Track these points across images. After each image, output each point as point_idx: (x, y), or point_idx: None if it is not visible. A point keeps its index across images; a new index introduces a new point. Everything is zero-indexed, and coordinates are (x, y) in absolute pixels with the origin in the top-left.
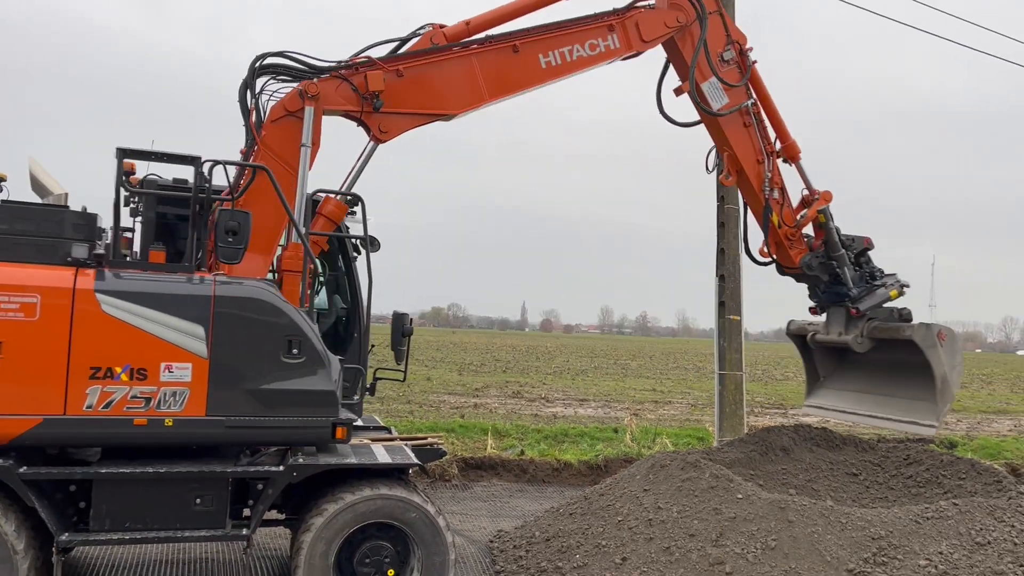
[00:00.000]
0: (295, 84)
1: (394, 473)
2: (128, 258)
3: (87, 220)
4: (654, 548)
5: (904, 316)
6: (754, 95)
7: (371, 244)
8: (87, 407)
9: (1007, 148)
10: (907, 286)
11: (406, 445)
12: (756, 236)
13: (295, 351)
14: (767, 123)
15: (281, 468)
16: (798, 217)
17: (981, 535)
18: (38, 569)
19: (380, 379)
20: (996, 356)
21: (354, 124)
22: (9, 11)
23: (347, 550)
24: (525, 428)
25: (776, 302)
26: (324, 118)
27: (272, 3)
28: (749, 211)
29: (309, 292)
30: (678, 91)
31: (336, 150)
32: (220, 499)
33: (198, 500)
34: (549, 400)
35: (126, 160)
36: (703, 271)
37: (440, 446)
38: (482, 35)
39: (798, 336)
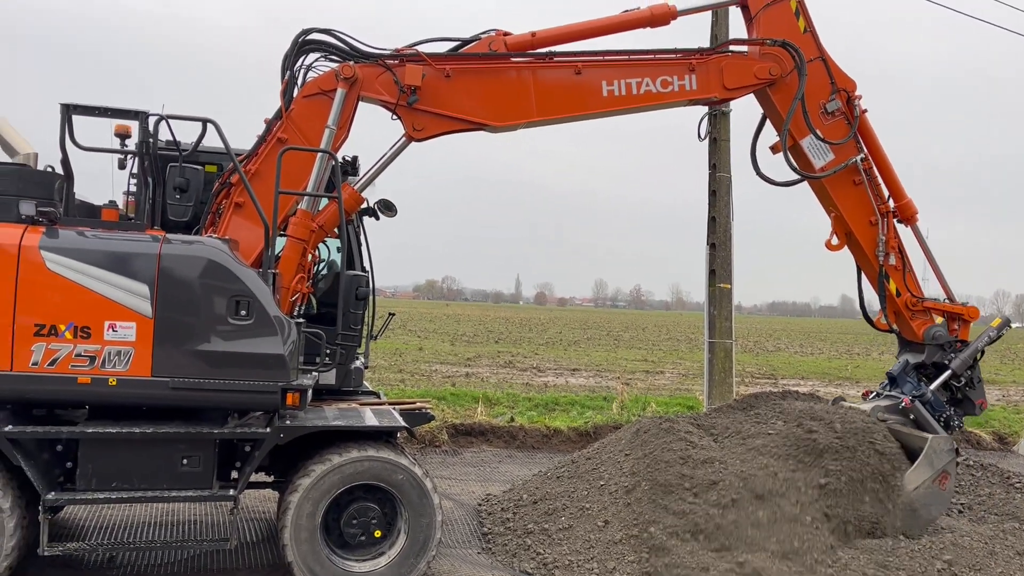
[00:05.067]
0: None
1: (382, 436)
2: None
3: (45, 179)
4: (633, 512)
5: (947, 423)
6: (864, 148)
7: (388, 208)
8: (32, 364)
9: (994, 117)
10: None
11: (394, 409)
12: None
13: (243, 313)
14: (879, 178)
15: (268, 430)
16: (942, 300)
17: None
18: (25, 528)
19: (339, 344)
20: None
21: (391, 117)
22: None
23: (334, 511)
24: (516, 396)
25: (770, 278)
26: (365, 106)
27: None
28: (864, 276)
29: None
30: (774, 149)
31: (376, 141)
32: (207, 460)
33: (185, 461)
34: (541, 370)
35: (120, 123)
36: (698, 244)
37: (428, 410)
38: (545, 50)
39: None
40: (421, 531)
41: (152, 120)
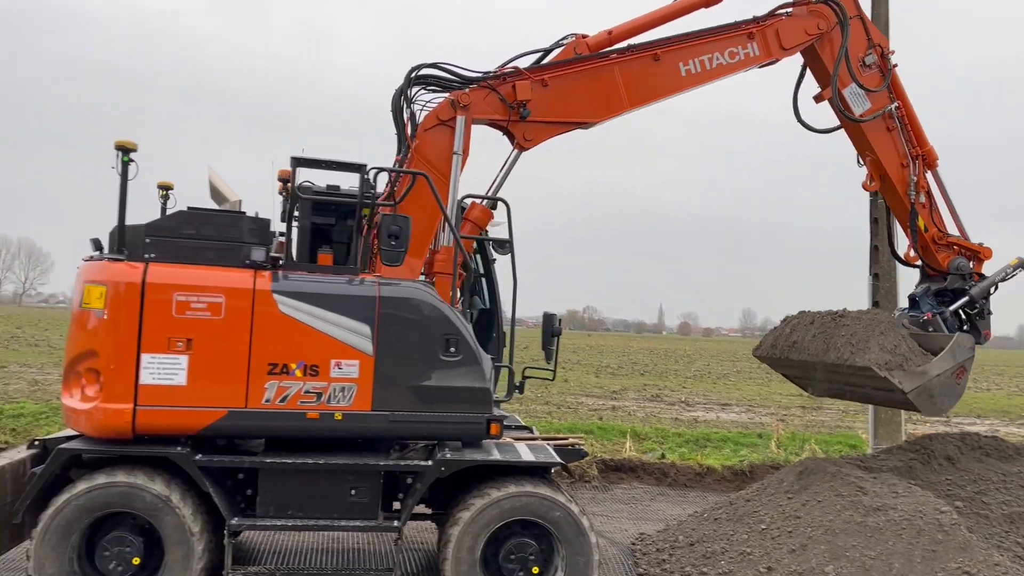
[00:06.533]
0: (444, 94)
1: (538, 471)
2: (282, 261)
3: (261, 225)
4: (797, 560)
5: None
6: (895, 99)
7: (501, 247)
8: (265, 401)
9: None
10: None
11: (548, 445)
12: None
13: (452, 349)
14: (909, 126)
15: (430, 463)
16: (961, 237)
17: None
18: (211, 552)
19: (529, 377)
20: None
21: (498, 133)
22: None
23: (493, 546)
24: (665, 432)
25: None
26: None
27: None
28: (892, 215)
29: (460, 294)
30: (818, 98)
31: (480, 157)
32: (373, 491)
33: (353, 491)
34: (690, 404)
35: (283, 169)
36: (854, 270)
37: (581, 447)
38: (623, 44)
39: None
40: (578, 569)
41: (371, 172)
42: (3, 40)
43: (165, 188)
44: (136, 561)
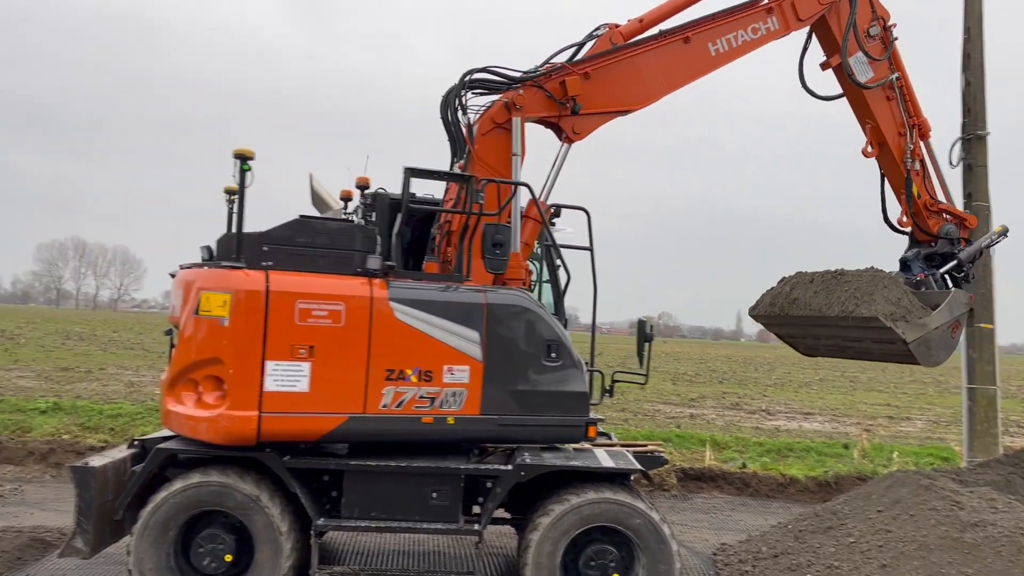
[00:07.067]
0: (492, 97)
1: (617, 478)
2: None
3: (370, 234)
4: (886, 575)
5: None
6: (895, 70)
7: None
8: (382, 406)
9: None
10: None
11: (627, 451)
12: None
13: (554, 355)
14: (907, 97)
15: (509, 467)
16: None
17: None
18: (299, 551)
19: (618, 381)
20: None
21: (540, 129)
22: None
23: (573, 552)
24: (745, 441)
25: None
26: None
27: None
28: (887, 182)
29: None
30: (824, 65)
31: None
32: (454, 494)
33: (435, 494)
34: (770, 413)
35: (361, 176)
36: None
37: (661, 454)
38: (655, 30)
39: None
40: None
41: (482, 183)
42: (107, 55)
43: (231, 193)
44: (228, 558)
